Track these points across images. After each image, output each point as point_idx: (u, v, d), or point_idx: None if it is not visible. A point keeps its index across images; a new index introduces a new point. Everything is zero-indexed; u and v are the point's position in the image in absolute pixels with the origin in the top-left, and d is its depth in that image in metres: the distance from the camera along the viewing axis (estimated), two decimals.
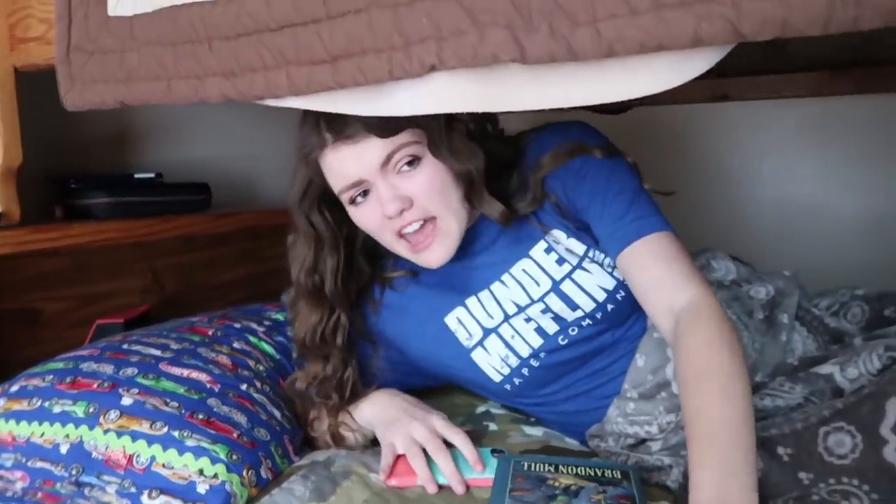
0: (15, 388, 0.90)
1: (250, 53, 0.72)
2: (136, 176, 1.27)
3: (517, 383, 0.92)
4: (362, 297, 1.00)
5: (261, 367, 1.00)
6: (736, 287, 0.96)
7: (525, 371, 0.91)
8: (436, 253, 0.86)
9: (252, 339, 1.06)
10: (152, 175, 1.29)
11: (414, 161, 0.83)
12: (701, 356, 0.71)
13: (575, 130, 0.93)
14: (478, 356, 0.93)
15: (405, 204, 0.82)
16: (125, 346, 0.96)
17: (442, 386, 1.08)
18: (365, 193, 0.85)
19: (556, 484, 0.73)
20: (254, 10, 0.71)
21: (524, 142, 0.94)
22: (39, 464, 0.82)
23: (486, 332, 0.92)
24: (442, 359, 0.97)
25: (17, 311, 1.22)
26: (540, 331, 0.90)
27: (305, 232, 0.90)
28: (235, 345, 1.02)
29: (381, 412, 0.90)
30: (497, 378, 0.92)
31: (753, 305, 0.93)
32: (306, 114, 0.84)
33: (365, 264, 0.98)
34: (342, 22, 0.66)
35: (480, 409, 1.06)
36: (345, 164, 0.82)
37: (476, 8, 0.59)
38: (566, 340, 0.89)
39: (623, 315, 0.89)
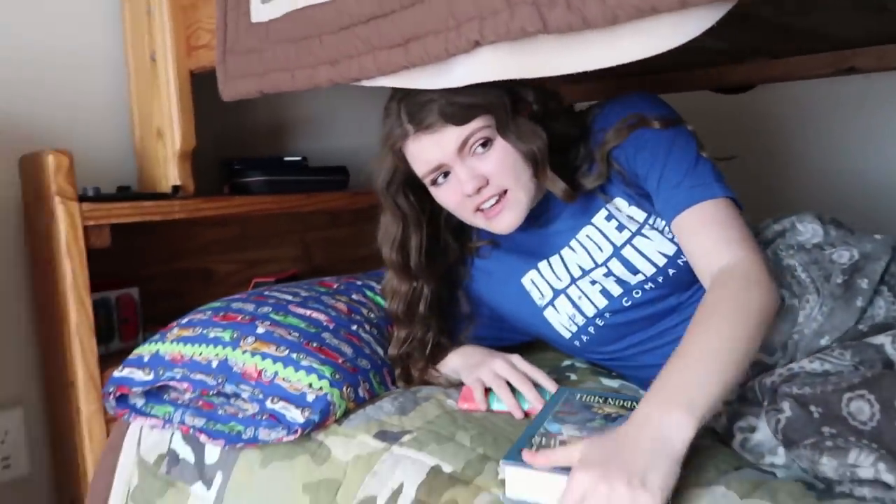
0: (185, 320, 1.14)
1: (348, 43, 0.89)
2: (286, 159, 1.51)
3: (584, 340, 1.01)
4: (458, 268, 1.13)
5: (372, 315, 1.17)
6: (818, 251, 0.96)
7: (591, 329, 1.00)
8: (506, 220, 0.94)
9: (369, 293, 1.24)
10: (299, 158, 1.52)
11: (486, 143, 0.92)
12: (716, 296, 0.77)
13: (637, 102, 0.98)
14: (549, 314, 1.03)
15: (481, 182, 0.91)
16: (266, 293, 1.17)
17: (534, 343, 1.19)
18: (445, 175, 0.94)
19: (599, 411, 0.82)
20: (349, 8, 0.87)
21: (590, 117, 1.01)
22: (199, 376, 1.05)
23: (556, 292, 1.01)
24: (522, 316, 1.07)
25: (196, 270, 1.51)
26: (605, 292, 0.98)
27: (392, 213, 1.01)
28: (354, 296, 1.20)
29: (466, 359, 1.03)
30: (566, 335, 1.02)
31: (833, 269, 0.92)
32: (388, 108, 0.96)
33: (452, 240, 1.10)
34: (412, 11, 0.80)
35: (566, 363, 1.15)
36: (426, 151, 0.92)
37: None
38: (629, 302, 0.96)
39: (685, 280, 0.94)
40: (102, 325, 1.26)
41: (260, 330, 1.04)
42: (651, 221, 0.95)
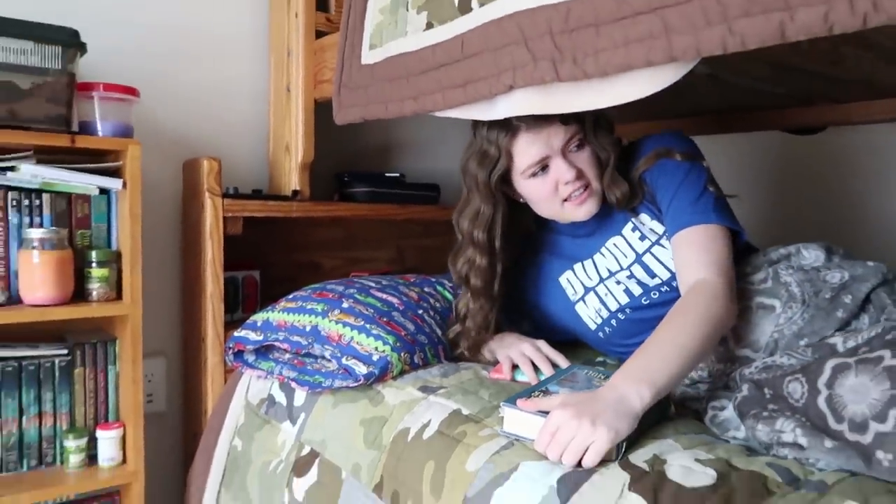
0: (291, 296, 1.44)
1: (425, 84, 1.14)
2: (387, 175, 1.79)
3: (607, 331, 1.19)
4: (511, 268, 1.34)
5: (438, 305, 1.41)
6: (815, 272, 1.09)
7: (613, 322, 1.18)
8: (588, 207, 1.14)
9: (439, 287, 1.48)
10: (398, 175, 1.80)
11: (581, 145, 1.13)
12: (687, 302, 0.96)
13: (668, 138, 1.18)
14: (580, 308, 1.22)
15: (578, 174, 1.12)
16: (355, 280, 1.45)
17: (575, 342, 1.37)
18: (544, 169, 1.13)
19: (599, 384, 1.00)
20: (428, 58, 1.13)
21: (632, 148, 1.22)
22: (295, 338, 1.33)
23: (587, 290, 1.21)
24: (556, 309, 1.27)
25: (307, 263, 1.82)
26: (627, 291, 1.16)
27: (486, 198, 1.17)
28: (426, 289, 1.45)
29: (502, 341, 1.25)
30: (592, 326, 1.20)
31: (824, 287, 1.05)
32: None
33: (533, 226, 1.30)
34: (469, 61, 1.04)
35: (598, 359, 1.33)
36: (535, 145, 1.10)
37: (535, 49, 0.93)
38: (648, 301, 1.14)
39: None
40: (230, 298, 1.58)
41: (345, 305, 1.31)
42: (666, 237, 1.14)
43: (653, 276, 1.14)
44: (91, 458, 1.36)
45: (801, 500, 0.70)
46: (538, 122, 1.10)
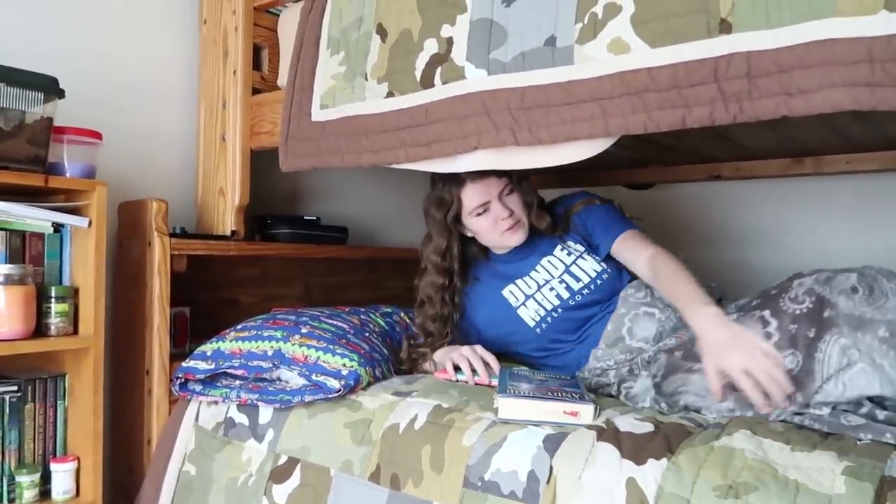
0: (239, 326, 1.56)
1: (387, 141, 1.38)
2: (305, 217, 1.98)
3: (544, 327, 1.51)
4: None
5: (376, 329, 1.62)
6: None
7: (549, 319, 1.51)
8: (518, 235, 1.54)
9: (372, 315, 1.69)
10: (315, 218, 1.99)
11: (511, 191, 1.52)
12: (660, 261, 1.38)
13: (584, 193, 1.63)
14: (521, 311, 1.54)
15: (510, 213, 1.51)
16: (299, 311, 1.61)
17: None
18: (486, 210, 1.51)
19: (530, 375, 1.30)
20: (391, 121, 1.37)
21: (557, 202, 1.65)
22: (255, 363, 1.46)
23: (527, 297, 1.54)
24: (499, 315, 1.56)
25: (226, 300, 1.92)
26: (558, 296, 1.52)
27: (441, 232, 1.55)
28: (362, 316, 1.66)
29: (446, 351, 1.51)
30: (532, 324, 1.52)
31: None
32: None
33: (477, 252, 1.65)
34: (434, 126, 1.30)
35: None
36: (480, 192, 1.50)
37: (497, 120, 1.22)
38: (574, 303, 1.50)
39: (607, 292, 1.50)
40: None
41: (304, 330, 1.48)
42: (586, 252, 1.53)
43: (578, 280, 1.52)
44: (43, 493, 1.37)
45: (711, 435, 1.04)
46: (480, 175, 1.45)
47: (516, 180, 1.53)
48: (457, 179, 1.49)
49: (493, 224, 1.51)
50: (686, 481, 0.95)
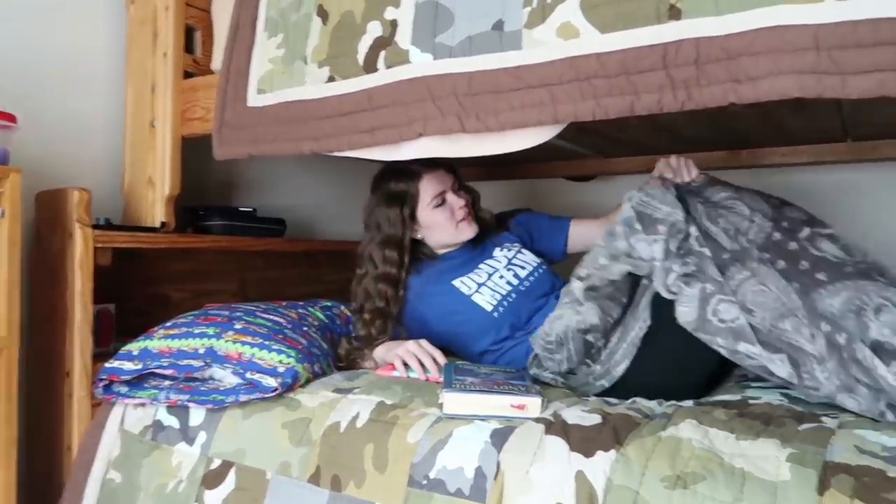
0: (169, 324, 1.48)
1: (328, 127, 1.33)
2: (240, 209, 1.89)
3: (501, 311, 1.49)
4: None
5: (315, 323, 1.56)
6: None
7: (505, 303, 1.50)
8: (472, 228, 1.59)
9: (311, 309, 1.63)
10: (251, 209, 1.90)
11: (459, 187, 1.60)
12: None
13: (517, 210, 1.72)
14: (476, 298, 1.51)
15: (465, 202, 1.57)
16: (233, 306, 1.53)
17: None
18: (443, 201, 1.54)
19: (476, 369, 1.27)
20: (331, 106, 1.32)
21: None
22: (185, 361, 1.38)
23: (479, 285, 1.53)
24: (450, 303, 1.52)
25: (156, 296, 1.82)
26: (508, 282, 1.53)
27: (396, 225, 1.53)
28: (300, 310, 1.59)
29: (388, 347, 1.46)
30: (489, 308, 1.49)
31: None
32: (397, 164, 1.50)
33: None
34: (378, 112, 1.26)
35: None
36: (435, 183, 1.54)
37: (443, 106, 1.18)
38: (525, 287, 1.52)
39: (548, 284, 1.54)
40: None
41: (238, 326, 1.40)
42: (523, 249, 1.60)
43: (523, 268, 1.56)
44: None
45: (658, 425, 1.02)
46: (432, 167, 1.52)
47: (460, 177, 1.60)
48: (410, 173, 1.53)
49: (450, 215, 1.55)
50: (635, 473, 0.93)
